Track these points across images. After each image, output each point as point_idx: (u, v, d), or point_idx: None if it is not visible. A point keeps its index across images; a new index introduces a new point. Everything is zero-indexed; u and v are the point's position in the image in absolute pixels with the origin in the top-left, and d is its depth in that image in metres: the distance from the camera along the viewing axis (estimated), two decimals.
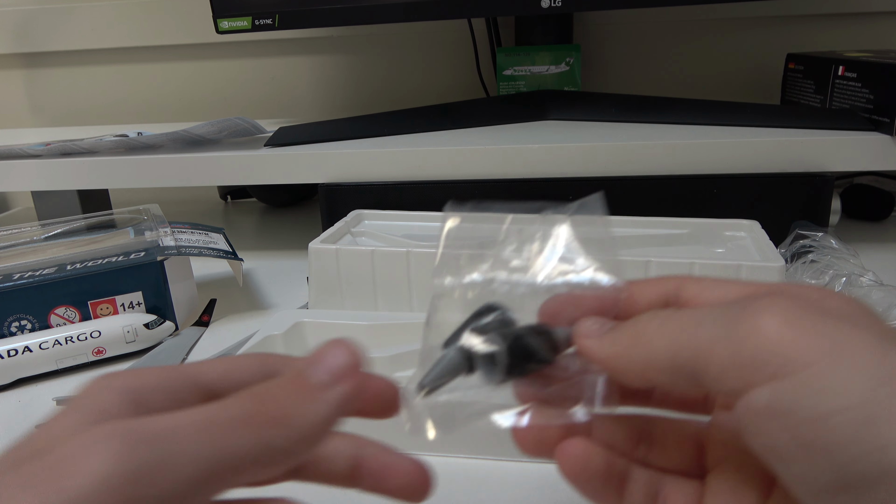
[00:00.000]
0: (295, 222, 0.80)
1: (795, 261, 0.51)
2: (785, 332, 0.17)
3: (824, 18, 0.84)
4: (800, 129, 0.59)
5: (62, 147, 0.65)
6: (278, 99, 0.98)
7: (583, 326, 0.22)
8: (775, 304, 0.17)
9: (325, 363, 0.18)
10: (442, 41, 0.92)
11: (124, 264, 0.48)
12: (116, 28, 0.95)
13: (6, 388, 0.43)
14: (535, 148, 0.58)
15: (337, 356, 0.18)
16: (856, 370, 0.16)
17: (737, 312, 0.18)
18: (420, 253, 0.46)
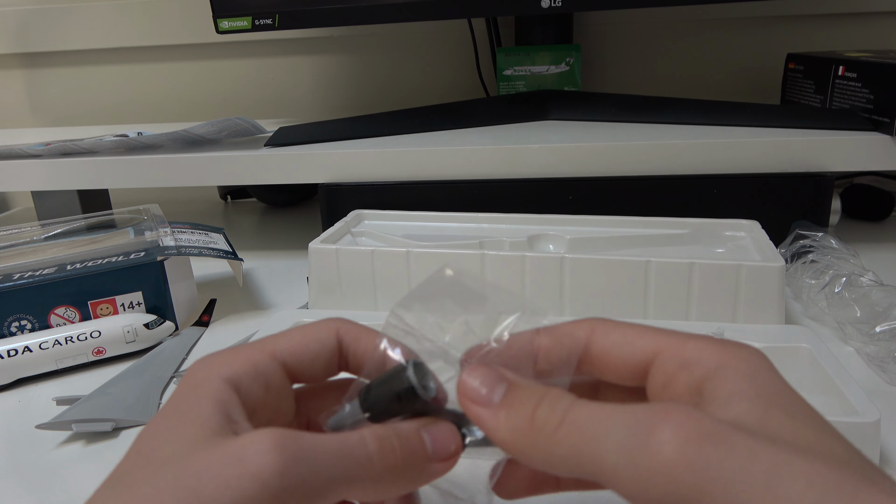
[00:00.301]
0: (295, 222, 0.80)
1: (795, 261, 0.51)
2: (685, 467, 0.17)
3: (824, 18, 0.84)
4: (800, 129, 0.59)
5: (62, 147, 0.65)
6: (278, 99, 0.98)
7: (468, 385, 0.21)
8: (680, 430, 0.17)
9: (441, 442, 0.22)
10: (442, 41, 0.92)
11: (124, 264, 0.48)
12: (116, 28, 0.95)
13: (6, 388, 0.43)
14: (535, 148, 0.58)
15: (449, 440, 0.22)
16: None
17: (640, 439, 0.18)
18: (420, 253, 0.46)
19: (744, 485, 0.16)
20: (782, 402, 0.19)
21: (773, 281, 0.42)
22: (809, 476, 0.16)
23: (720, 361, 0.20)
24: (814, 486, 0.16)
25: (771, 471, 0.16)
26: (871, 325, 0.42)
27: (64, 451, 0.36)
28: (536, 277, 0.45)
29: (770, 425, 0.18)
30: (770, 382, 0.20)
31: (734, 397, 0.19)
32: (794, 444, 0.17)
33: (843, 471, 0.16)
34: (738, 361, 0.20)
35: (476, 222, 0.54)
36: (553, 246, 0.51)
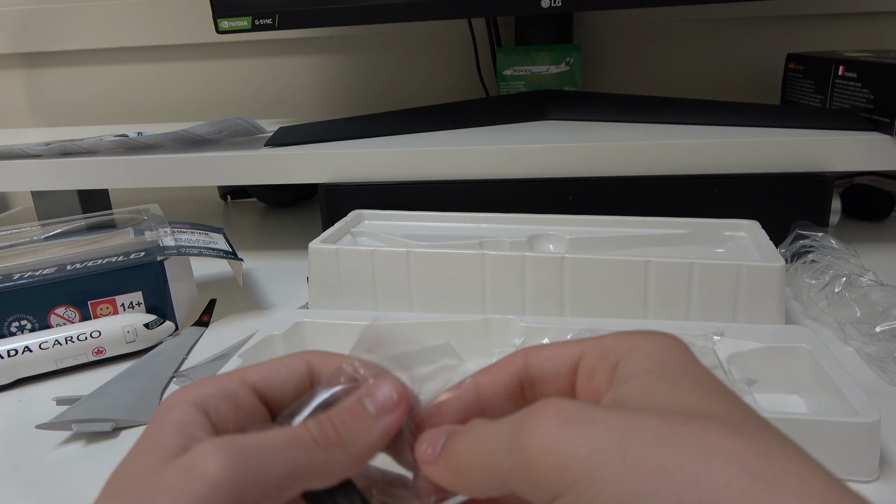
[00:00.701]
0: (295, 222, 0.80)
1: (795, 261, 0.51)
2: (552, 453, 0.17)
3: (824, 18, 0.84)
4: (800, 129, 0.59)
5: (62, 147, 0.65)
6: (278, 99, 0.98)
7: (420, 452, 0.22)
8: (544, 420, 0.18)
9: (378, 398, 0.22)
10: (442, 41, 0.92)
11: (124, 264, 0.48)
12: (116, 28, 0.95)
13: (6, 388, 0.43)
14: (535, 148, 0.58)
15: (386, 391, 0.23)
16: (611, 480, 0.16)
17: (514, 440, 0.19)
18: (420, 253, 0.46)
19: (598, 455, 0.17)
20: (675, 375, 0.20)
21: (773, 281, 0.42)
22: (659, 434, 0.17)
23: (631, 344, 0.21)
24: (662, 444, 0.16)
25: (622, 437, 0.17)
26: (871, 325, 0.42)
27: (64, 451, 0.36)
28: (536, 277, 0.45)
29: (651, 397, 0.19)
30: (671, 360, 0.20)
31: (632, 376, 0.20)
32: (661, 410, 0.18)
33: (705, 424, 0.17)
34: (646, 343, 0.21)
35: (476, 222, 0.54)
36: (553, 246, 0.51)
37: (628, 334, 0.22)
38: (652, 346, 0.21)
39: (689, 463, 0.16)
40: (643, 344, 0.21)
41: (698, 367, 0.21)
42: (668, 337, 0.22)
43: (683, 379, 0.20)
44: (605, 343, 0.22)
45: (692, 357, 0.21)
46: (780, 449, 0.16)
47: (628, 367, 0.21)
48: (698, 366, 0.21)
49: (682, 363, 0.20)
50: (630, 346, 0.21)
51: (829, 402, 0.33)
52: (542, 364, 0.23)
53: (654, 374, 0.20)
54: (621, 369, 0.21)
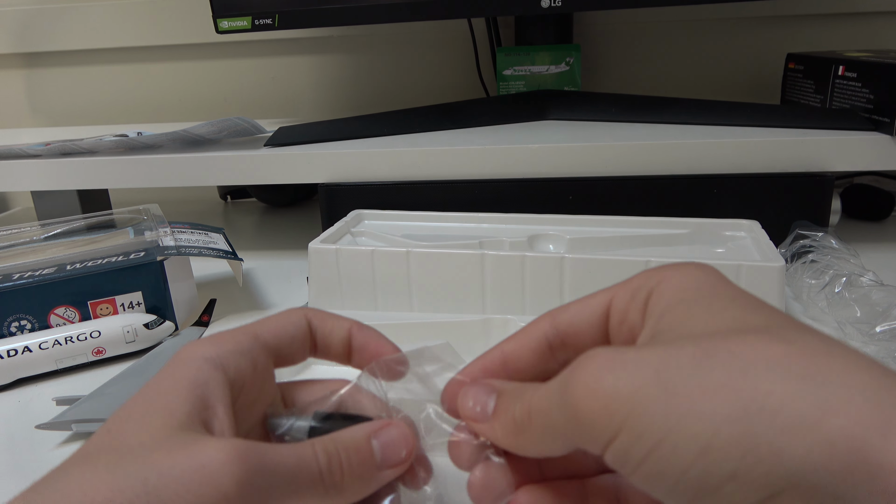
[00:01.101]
0: (295, 222, 0.80)
1: (795, 261, 0.51)
2: (597, 399, 0.18)
3: (824, 18, 0.84)
4: (800, 129, 0.59)
5: (62, 147, 0.65)
6: (278, 99, 0.98)
7: (465, 407, 0.22)
8: (585, 371, 0.18)
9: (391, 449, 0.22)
10: (442, 41, 0.92)
11: (124, 264, 0.48)
12: (116, 28, 0.95)
13: (6, 388, 0.43)
14: (535, 148, 0.58)
15: (399, 446, 0.23)
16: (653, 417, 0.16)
17: (563, 396, 0.19)
18: (420, 253, 0.46)
19: (640, 391, 0.17)
20: (707, 300, 0.20)
21: (773, 281, 0.42)
22: (696, 358, 0.17)
23: (659, 277, 0.21)
24: (700, 366, 0.16)
25: (659, 369, 0.17)
26: (871, 325, 0.42)
27: (64, 451, 0.36)
28: (536, 277, 0.45)
29: (686, 327, 0.19)
30: (702, 286, 0.20)
31: (665, 311, 0.20)
32: (697, 335, 0.18)
33: (742, 338, 0.17)
34: (675, 274, 0.21)
35: (476, 222, 0.54)
36: (553, 246, 0.51)
37: (656, 269, 0.22)
38: (681, 275, 0.21)
39: (729, 379, 0.16)
40: (672, 275, 0.21)
41: (731, 287, 0.20)
42: (696, 265, 0.21)
43: (716, 301, 0.19)
44: (633, 283, 0.22)
45: (724, 279, 0.21)
46: (824, 348, 0.16)
47: (660, 302, 0.20)
48: (731, 286, 0.20)
49: (713, 286, 0.20)
50: (659, 280, 0.21)
51: None
52: (571, 319, 0.23)
53: (686, 304, 0.20)
54: (652, 304, 0.21)
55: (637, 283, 0.22)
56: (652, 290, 0.21)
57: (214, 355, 0.22)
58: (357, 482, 0.22)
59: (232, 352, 0.23)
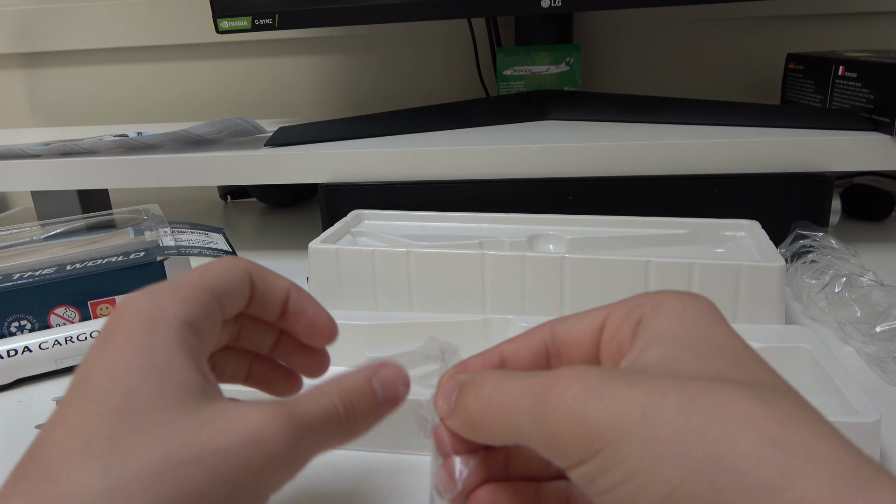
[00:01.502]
0: (295, 222, 0.80)
1: (795, 261, 0.51)
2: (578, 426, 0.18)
3: (824, 18, 0.84)
4: (800, 129, 0.59)
5: (62, 147, 0.65)
6: (278, 99, 0.98)
7: (437, 406, 0.24)
8: (569, 390, 0.18)
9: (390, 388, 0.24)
10: (442, 41, 0.92)
11: (124, 264, 0.48)
12: (116, 28, 0.95)
13: (6, 388, 0.43)
14: (535, 148, 0.58)
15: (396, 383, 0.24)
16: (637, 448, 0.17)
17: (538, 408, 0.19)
18: (420, 253, 0.46)
19: (622, 425, 0.17)
20: (699, 341, 0.20)
21: (773, 281, 0.42)
22: (681, 404, 0.17)
23: (657, 301, 0.22)
24: (683, 413, 0.17)
25: (645, 408, 0.17)
26: (871, 325, 0.42)
27: None
28: (536, 277, 0.45)
29: (674, 365, 0.19)
30: (696, 322, 0.21)
31: (654, 340, 0.20)
32: (683, 377, 0.18)
33: (725, 392, 0.17)
34: (673, 301, 0.21)
35: (476, 222, 0.54)
36: (553, 246, 0.51)
37: (655, 293, 0.22)
38: (678, 305, 0.21)
39: (709, 431, 0.16)
40: (670, 301, 0.21)
41: (724, 329, 0.21)
42: (694, 297, 0.22)
43: (707, 346, 0.20)
44: (631, 302, 0.23)
45: (719, 318, 0.21)
46: (798, 415, 0.17)
47: (653, 326, 0.21)
48: (724, 328, 0.21)
49: (708, 326, 0.21)
50: (656, 304, 0.22)
51: (828, 402, 0.33)
52: (568, 329, 0.24)
53: (679, 341, 0.20)
54: (645, 326, 0.21)
55: (634, 302, 0.22)
56: (646, 313, 0.22)
57: (191, 319, 0.22)
58: (366, 421, 0.23)
59: (203, 316, 0.22)
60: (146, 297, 0.22)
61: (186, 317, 0.21)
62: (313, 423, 0.21)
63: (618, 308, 0.23)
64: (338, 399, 0.22)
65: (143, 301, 0.21)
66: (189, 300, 0.22)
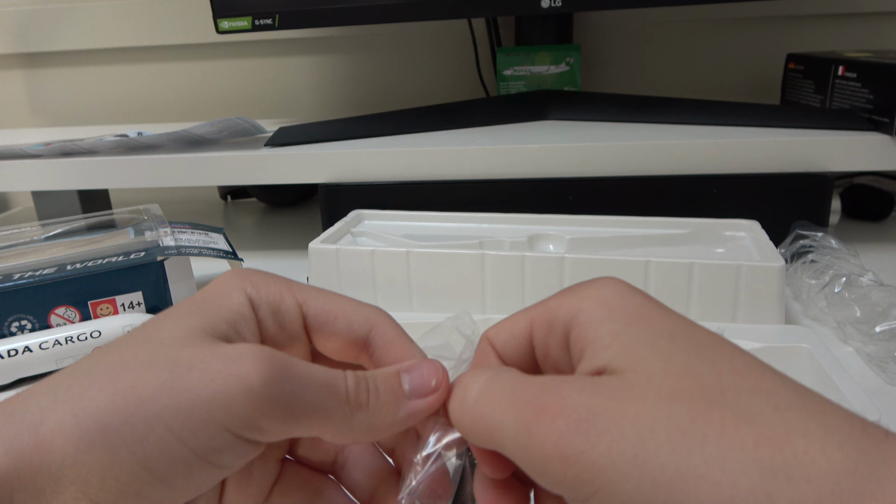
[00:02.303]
0: (295, 222, 0.80)
1: (795, 261, 0.51)
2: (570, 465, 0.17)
3: (824, 18, 0.84)
4: (800, 129, 0.59)
5: (62, 147, 0.65)
6: (278, 99, 0.98)
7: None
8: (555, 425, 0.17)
9: (415, 378, 0.22)
10: (442, 41, 0.92)
11: (124, 264, 0.48)
12: (116, 28, 0.95)
13: (6, 388, 0.43)
14: (535, 148, 0.58)
15: (425, 374, 0.22)
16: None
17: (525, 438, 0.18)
18: (420, 253, 0.46)
19: (616, 466, 0.16)
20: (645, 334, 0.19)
21: (773, 281, 0.42)
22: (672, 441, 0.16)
23: (571, 311, 0.21)
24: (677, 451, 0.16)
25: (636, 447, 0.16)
26: (870, 325, 0.42)
27: None
28: (536, 277, 0.45)
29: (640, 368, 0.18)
30: (627, 313, 0.20)
31: (596, 352, 0.19)
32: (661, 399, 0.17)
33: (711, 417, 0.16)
34: (591, 303, 0.20)
35: (476, 222, 0.54)
36: (553, 246, 0.51)
37: (568, 295, 0.21)
38: (598, 306, 0.20)
39: (709, 471, 0.16)
40: (587, 305, 0.20)
41: (656, 311, 0.20)
42: (605, 285, 0.21)
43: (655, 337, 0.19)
44: (548, 311, 0.21)
45: (643, 300, 0.20)
46: (782, 424, 0.16)
47: (582, 342, 0.20)
48: (655, 309, 0.20)
49: (641, 316, 0.20)
50: (571, 315, 0.20)
51: None
52: (502, 348, 0.23)
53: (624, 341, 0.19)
54: (576, 341, 0.20)
55: (551, 312, 0.21)
56: (570, 325, 0.20)
57: (256, 300, 0.23)
58: (384, 408, 0.21)
59: (267, 305, 0.23)
60: (237, 272, 0.24)
61: (255, 298, 0.23)
62: (304, 375, 0.20)
63: (538, 319, 0.22)
64: (350, 374, 0.21)
65: (232, 274, 0.24)
66: (267, 288, 0.23)
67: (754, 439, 0.16)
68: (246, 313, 0.22)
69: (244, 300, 0.22)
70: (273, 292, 0.23)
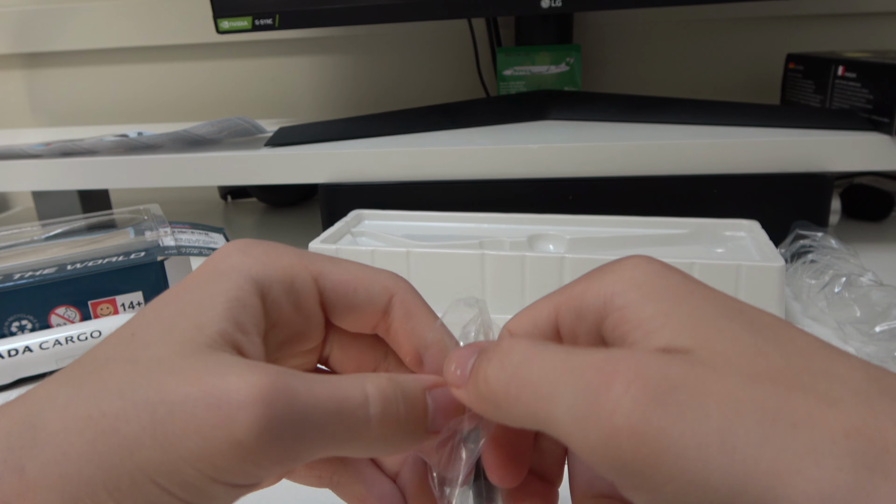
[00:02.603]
0: (295, 222, 0.80)
1: (795, 261, 0.51)
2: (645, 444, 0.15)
3: (824, 18, 0.84)
4: (800, 129, 0.59)
5: (62, 147, 0.65)
6: (278, 99, 0.98)
7: (449, 373, 0.19)
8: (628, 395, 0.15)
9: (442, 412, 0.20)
10: (442, 41, 0.92)
11: (124, 264, 0.48)
12: (116, 28, 0.95)
13: (6, 388, 0.43)
14: (535, 148, 0.58)
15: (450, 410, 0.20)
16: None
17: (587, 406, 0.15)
18: (420, 253, 0.46)
19: (700, 451, 0.14)
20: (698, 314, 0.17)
21: (773, 281, 0.42)
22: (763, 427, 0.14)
23: (603, 296, 0.18)
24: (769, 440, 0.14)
25: (723, 432, 0.14)
26: (870, 325, 0.42)
27: None
28: (536, 277, 0.45)
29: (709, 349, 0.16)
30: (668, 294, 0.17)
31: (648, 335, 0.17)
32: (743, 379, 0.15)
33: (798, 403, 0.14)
34: (622, 286, 0.18)
35: (476, 222, 0.54)
36: (553, 246, 0.51)
37: (596, 279, 0.19)
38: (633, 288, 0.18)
39: (804, 465, 0.14)
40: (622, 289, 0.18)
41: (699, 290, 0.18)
42: (641, 266, 0.18)
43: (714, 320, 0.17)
44: (574, 297, 0.19)
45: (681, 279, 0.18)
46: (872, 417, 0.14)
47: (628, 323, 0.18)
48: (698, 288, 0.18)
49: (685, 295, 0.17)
50: (605, 297, 0.18)
51: None
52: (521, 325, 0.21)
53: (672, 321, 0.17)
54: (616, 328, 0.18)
55: (578, 298, 0.19)
56: (604, 311, 0.18)
57: (260, 277, 0.20)
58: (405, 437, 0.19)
59: (279, 282, 0.20)
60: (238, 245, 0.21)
61: (257, 275, 0.20)
62: (310, 409, 0.17)
63: (564, 306, 0.20)
64: (375, 395, 0.18)
65: (231, 248, 0.21)
66: (275, 263, 0.20)
67: (843, 429, 0.14)
68: (247, 300, 0.19)
69: (245, 283, 0.20)
70: (284, 267, 0.21)
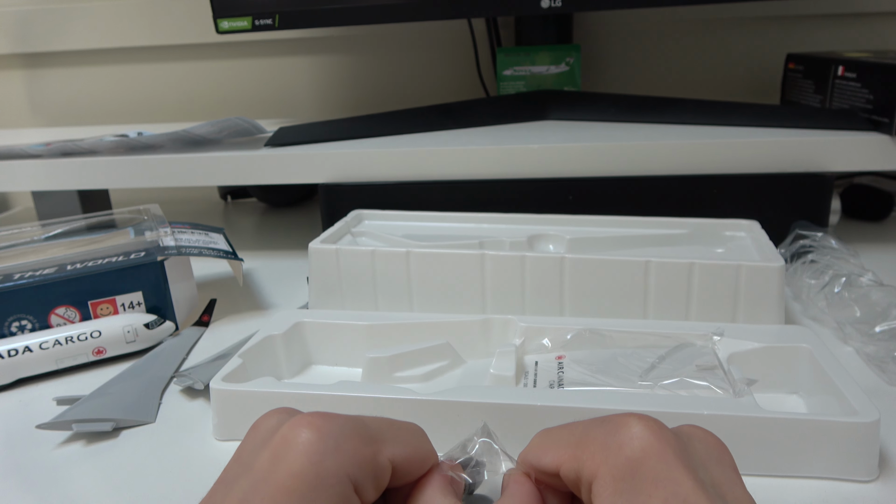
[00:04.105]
0: (295, 222, 0.80)
1: (795, 261, 0.51)
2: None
3: (824, 18, 0.84)
4: (800, 129, 0.59)
5: (62, 147, 0.65)
6: (278, 99, 0.98)
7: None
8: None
9: None
10: (442, 41, 0.92)
11: (124, 264, 0.48)
12: (116, 28, 0.95)
13: (6, 388, 0.44)
14: (535, 148, 0.58)
15: None
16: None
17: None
18: (420, 253, 0.46)
19: None
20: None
21: (773, 281, 0.42)
22: None
23: (592, 472, 0.22)
24: None
25: None
26: (870, 325, 0.42)
27: (64, 451, 0.36)
28: (536, 277, 0.45)
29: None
30: (639, 483, 0.20)
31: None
32: None
33: None
34: (605, 469, 0.21)
35: (476, 222, 0.54)
36: (553, 246, 0.51)
37: (591, 453, 0.22)
38: (614, 472, 0.21)
39: None
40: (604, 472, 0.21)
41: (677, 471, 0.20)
42: (637, 440, 0.21)
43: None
44: (576, 461, 0.23)
45: (671, 459, 0.21)
46: None
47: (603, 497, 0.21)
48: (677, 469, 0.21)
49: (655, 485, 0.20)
50: (593, 474, 0.21)
51: (828, 402, 0.33)
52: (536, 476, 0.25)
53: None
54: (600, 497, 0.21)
55: (578, 461, 0.22)
56: (591, 487, 0.22)
57: (355, 475, 0.22)
58: None
59: (367, 477, 0.23)
60: (334, 446, 0.22)
61: (352, 474, 0.22)
62: None
63: (566, 465, 0.23)
64: None
65: (328, 448, 0.22)
66: (362, 459, 0.23)
67: None
68: (349, 498, 0.22)
69: (348, 490, 0.22)
70: (369, 459, 0.23)
